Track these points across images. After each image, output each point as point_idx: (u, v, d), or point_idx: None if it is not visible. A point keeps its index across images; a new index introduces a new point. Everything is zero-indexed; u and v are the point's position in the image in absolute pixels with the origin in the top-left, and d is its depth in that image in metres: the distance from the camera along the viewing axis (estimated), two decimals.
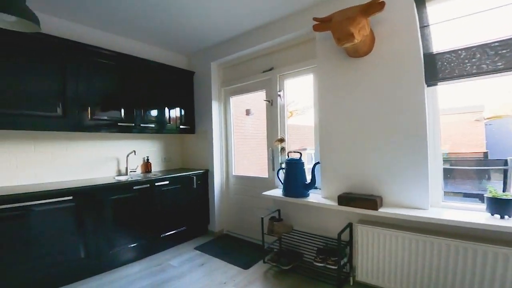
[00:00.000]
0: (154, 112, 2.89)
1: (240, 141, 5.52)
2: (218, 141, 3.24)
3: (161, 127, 2.96)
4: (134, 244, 2.41)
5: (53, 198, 1.91)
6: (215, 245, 2.83)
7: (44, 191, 1.89)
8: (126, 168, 2.86)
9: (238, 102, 5.14)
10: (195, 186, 2.99)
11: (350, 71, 2.02)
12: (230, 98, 3.27)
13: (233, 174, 3.23)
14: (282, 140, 2.57)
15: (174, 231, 2.76)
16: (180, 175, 2.85)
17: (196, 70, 3.38)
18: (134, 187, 2.40)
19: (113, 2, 2.15)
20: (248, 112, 5.77)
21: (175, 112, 3.13)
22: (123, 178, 2.60)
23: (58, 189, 1.96)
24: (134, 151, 2.88)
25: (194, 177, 2.99)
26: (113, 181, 2.36)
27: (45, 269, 1.88)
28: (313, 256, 2.10)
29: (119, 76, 2.58)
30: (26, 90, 1.98)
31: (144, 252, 2.51)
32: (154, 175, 2.82)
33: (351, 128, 2.03)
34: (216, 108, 3.23)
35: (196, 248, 2.72)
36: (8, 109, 1.90)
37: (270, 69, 2.71)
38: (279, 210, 2.52)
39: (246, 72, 3.00)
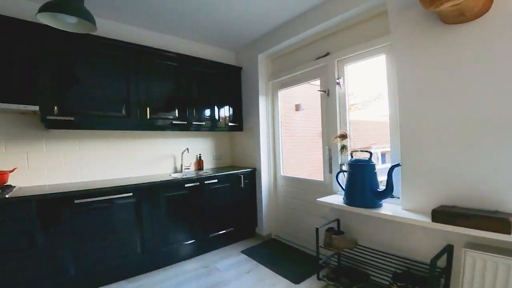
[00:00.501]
0: (205, 110, 2.86)
1: (289, 139, 5.24)
2: (265, 138, 3.03)
3: (212, 124, 2.91)
4: (185, 243, 2.40)
5: (117, 194, 1.98)
6: (263, 251, 2.64)
7: (110, 187, 1.97)
8: (181, 166, 2.91)
9: (286, 98, 4.85)
10: (242, 185, 2.85)
11: (449, 42, 1.47)
12: (278, 92, 3.02)
13: (282, 174, 2.98)
14: (344, 137, 2.11)
15: (222, 232, 2.68)
16: (228, 174, 2.75)
17: (243, 65, 3.24)
18: (186, 185, 2.38)
19: (163, 2, 2.12)
20: (298, 108, 5.41)
21: (224, 109, 3.05)
22: (178, 175, 2.62)
23: (121, 185, 2.02)
24: (187, 149, 2.92)
25: (242, 175, 2.85)
26: (169, 178, 2.38)
27: (110, 261, 1.97)
28: (388, 282, 1.69)
29: (174, 76, 2.60)
30: (103, 94, 2.14)
31: (194, 251, 2.48)
32: (205, 172, 2.79)
33: (453, 118, 1.48)
34: (263, 104, 3.03)
35: (243, 252, 2.57)
36: (92, 110, 2.09)
37: (326, 55, 2.36)
38: (338, 220, 2.16)
39: (297, 61, 2.70)
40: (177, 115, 2.62)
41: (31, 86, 1.81)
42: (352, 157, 1.96)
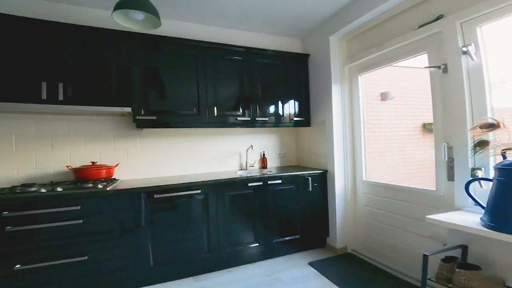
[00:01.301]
0: (269, 105, 2.69)
1: (374, 135, 4.43)
2: (340, 134, 2.58)
3: (276, 120, 2.72)
4: (248, 246, 2.29)
5: (188, 191, 2.04)
6: (335, 266, 2.23)
7: (181, 183, 2.04)
8: (246, 163, 2.85)
9: (368, 86, 4.12)
10: (310, 189, 2.51)
11: None
12: (359, 77, 2.49)
13: (364, 179, 2.46)
14: (492, 127, 1.36)
15: (287, 238, 2.44)
16: (293, 174, 2.48)
17: (311, 52, 2.87)
18: (249, 184, 2.28)
19: None
20: (384, 96, 4.52)
21: (289, 103, 2.79)
22: (243, 173, 2.57)
23: (191, 182, 2.08)
24: (251, 146, 2.83)
25: (310, 178, 2.51)
26: (233, 176, 2.33)
27: (180, 257, 2.03)
28: None
29: (238, 71, 2.54)
30: (178, 93, 2.28)
31: (256, 255, 2.35)
32: (269, 171, 2.63)
33: None
34: (337, 93, 2.58)
35: (311, 264, 2.25)
36: (170, 109, 2.24)
37: (437, 19, 1.71)
38: (464, 248, 1.51)
39: (385, 36, 2.13)
40: (241, 112, 2.55)
41: (125, 91, 2.07)
42: (505, 158, 1.30)
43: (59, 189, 1.68)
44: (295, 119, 2.79)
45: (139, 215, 1.87)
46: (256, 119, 2.60)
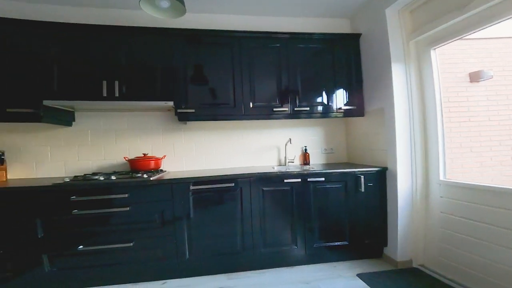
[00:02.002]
0: (311, 93, 2.44)
1: (459, 125, 3.55)
2: (405, 124, 2.12)
3: (319, 110, 2.44)
4: (285, 248, 2.13)
5: (223, 184, 2.03)
6: (394, 282, 1.86)
7: (216, 175, 2.03)
8: (285, 158, 2.68)
9: (449, 65, 3.30)
10: (363, 189, 2.16)
11: None
12: (431, 52, 2.00)
13: (442, 179, 1.98)
14: None
15: (331, 244, 2.17)
16: (340, 172, 2.17)
17: (363, 30, 2.47)
18: (285, 180, 2.11)
19: None
20: (477, 76, 3.53)
21: (336, 90, 2.46)
22: (282, 169, 2.44)
23: (225, 175, 2.05)
24: (290, 140, 2.63)
25: (362, 176, 2.16)
26: (268, 170, 2.21)
27: (214, 252, 2.03)
28: None
29: (275, 60, 2.39)
30: (215, 86, 2.28)
31: (294, 259, 2.17)
32: (312, 168, 2.38)
33: None
34: (400, 74, 2.13)
35: (360, 276, 1.94)
36: (207, 102, 2.27)
37: None
38: None
39: None
40: (279, 102, 2.39)
41: (169, 86, 2.19)
42: None
43: (113, 178, 1.91)
44: (344, 108, 2.45)
45: (177, 206, 1.95)
46: (295, 109, 2.39)
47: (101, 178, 1.89)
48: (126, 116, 2.44)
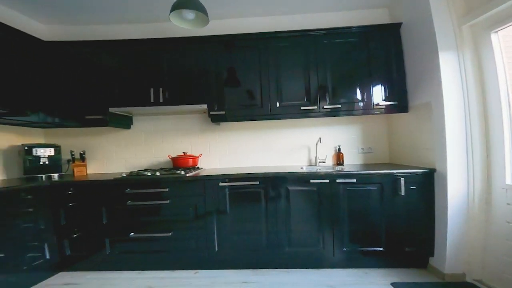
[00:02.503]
0: (342, 89, 2.33)
1: None
2: (458, 120, 1.86)
3: (352, 107, 2.31)
4: (311, 249, 2.09)
5: (248, 181, 2.12)
6: None
7: (243, 173, 2.14)
8: (316, 158, 2.61)
9: None
10: (402, 193, 1.96)
11: None
12: (492, 36, 1.71)
13: (509, 183, 1.69)
14: None
15: (364, 249, 2.05)
16: (374, 173, 2.03)
17: (404, 19, 2.24)
18: (311, 180, 2.07)
19: None
20: None
21: (375, 84, 2.29)
22: (311, 169, 2.41)
23: (251, 173, 2.14)
24: (320, 139, 2.55)
25: (402, 178, 1.96)
26: (295, 170, 2.20)
27: (240, 247, 2.11)
28: None
29: (305, 56, 2.35)
30: (242, 87, 2.39)
31: (321, 261, 2.11)
32: (343, 169, 2.26)
33: None
34: (451, 63, 1.87)
35: (395, 285, 1.80)
36: (235, 104, 2.39)
37: None
38: None
39: None
40: (306, 100, 2.35)
41: (203, 90, 2.38)
42: None
43: (157, 173, 2.21)
44: (383, 103, 2.26)
45: (208, 201, 2.12)
46: (324, 107, 2.31)
47: (148, 174, 2.20)
48: (170, 119, 2.76)
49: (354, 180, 2.03)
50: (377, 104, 2.27)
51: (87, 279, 2.07)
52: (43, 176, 2.40)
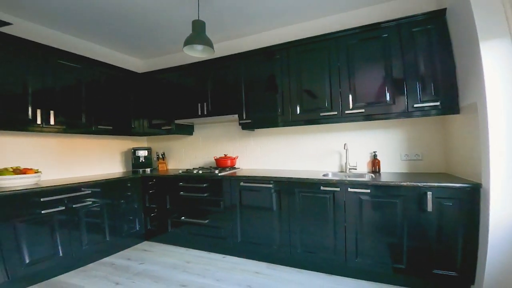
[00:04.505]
0: (373, 91, 2.15)
1: None
2: (505, 125, 1.46)
3: (389, 109, 2.08)
4: (322, 254, 2.09)
5: (263, 184, 2.32)
6: None
7: (259, 176, 2.37)
8: (346, 164, 2.48)
9: None
10: (429, 209, 1.69)
11: None
12: None
13: None
14: None
15: (379, 262, 1.89)
16: (393, 185, 1.82)
17: (449, 3, 1.86)
18: (322, 187, 2.06)
19: None
20: None
21: (413, 83, 2.00)
22: (342, 176, 2.37)
23: (266, 176, 2.33)
24: (345, 145, 2.43)
25: (429, 192, 1.68)
26: (308, 175, 2.24)
27: (256, 241, 2.34)
28: None
29: (327, 58, 2.32)
30: (265, 97, 2.61)
31: (333, 267, 2.08)
32: (372, 176, 2.12)
33: None
34: (498, 55, 1.49)
35: None
36: (259, 113, 2.64)
37: None
38: None
39: None
40: (327, 105, 2.31)
41: (236, 101, 2.74)
42: None
43: (200, 172, 2.73)
44: (428, 104, 1.94)
45: (233, 197, 2.46)
46: (346, 112, 2.22)
47: (194, 171, 2.76)
48: (217, 127, 3.28)
49: (368, 191, 1.89)
50: (410, 107, 1.98)
51: (156, 248, 2.81)
52: (141, 170, 3.37)
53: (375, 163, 2.36)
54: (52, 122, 2.38)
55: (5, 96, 2.08)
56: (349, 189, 1.96)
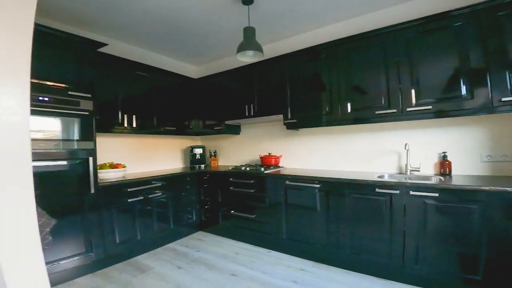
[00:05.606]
0: (442, 84, 1.91)
1: None
2: None
3: (463, 105, 1.83)
4: (374, 258, 1.98)
5: (309, 183, 2.32)
6: None
7: (305, 175, 2.37)
8: (406, 165, 2.26)
9: None
10: None
11: None
12: None
13: None
14: None
15: (445, 271, 1.69)
16: (470, 189, 1.60)
17: None
18: (377, 189, 1.94)
19: None
20: None
21: (495, 73, 1.72)
22: (401, 178, 2.20)
23: (312, 176, 2.33)
24: (406, 144, 2.20)
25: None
26: (371, 178, 2.09)
27: (300, 239, 2.35)
28: None
29: (382, 53, 2.17)
30: (310, 97, 2.59)
31: (386, 272, 1.95)
32: (438, 179, 1.93)
33: None
34: None
35: None
36: (304, 113, 2.63)
37: None
38: None
39: None
40: (384, 102, 2.15)
41: (280, 102, 2.79)
42: None
43: (247, 169, 2.87)
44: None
45: (278, 194, 2.51)
46: (407, 109, 2.02)
47: (242, 168, 2.92)
48: (262, 126, 3.39)
49: (436, 195, 1.70)
50: (505, 100, 1.67)
51: (208, 238, 3.08)
52: (197, 166, 3.71)
53: (444, 165, 2.10)
54: (134, 124, 2.84)
55: (105, 104, 2.56)
56: (411, 192, 1.80)
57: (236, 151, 3.71)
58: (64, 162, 2.07)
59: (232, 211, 2.92)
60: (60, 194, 2.04)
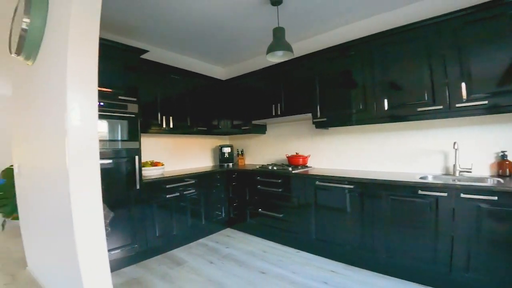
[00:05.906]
0: (500, 77, 1.74)
1: None
2: None
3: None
4: (414, 263, 1.88)
5: (340, 184, 2.27)
6: None
7: (337, 176, 2.31)
8: (454, 166, 2.09)
9: None
10: None
11: None
12: None
13: None
14: None
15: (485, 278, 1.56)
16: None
17: None
18: (420, 191, 1.84)
19: None
20: None
21: None
22: (449, 179, 2.06)
23: (344, 177, 2.27)
24: (455, 143, 2.04)
25: None
26: (415, 179, 1.99)
27: (333, 238, 2.28)
28: None
29: (420, 46, 2.05)
30: (341, 94, 2.53)
31: (429, 279, 1.83)
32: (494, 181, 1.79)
33: None
34: None
35: None
36: (336, 111, 2.58)
37: None
38: None
39: None
40: (426, 98, 2.02)
41: (309, 101, 2.76)
42: None
43: (275, 168, 2.88)
44: None
45: (307, 194, 2.49)
46: (457, 105, 1.89)
47: (269, 168, 2.94)
48: (289, 126, 3.37)
49: (494, 198, 1.57)
50: None
51: (237, 235, 3.15)
52: (226, 164, 3.82)
53: (503, 166, 1.92)
54: (171, 125, 3.02)
55: (145, 107, 2.74)
56: (462, 195, 1.68)
57: (262, 150, 3.75)
58: (115, 161, 2.29)
59: (260, 210, 2.96)
60: (112, 189, 2.24)
